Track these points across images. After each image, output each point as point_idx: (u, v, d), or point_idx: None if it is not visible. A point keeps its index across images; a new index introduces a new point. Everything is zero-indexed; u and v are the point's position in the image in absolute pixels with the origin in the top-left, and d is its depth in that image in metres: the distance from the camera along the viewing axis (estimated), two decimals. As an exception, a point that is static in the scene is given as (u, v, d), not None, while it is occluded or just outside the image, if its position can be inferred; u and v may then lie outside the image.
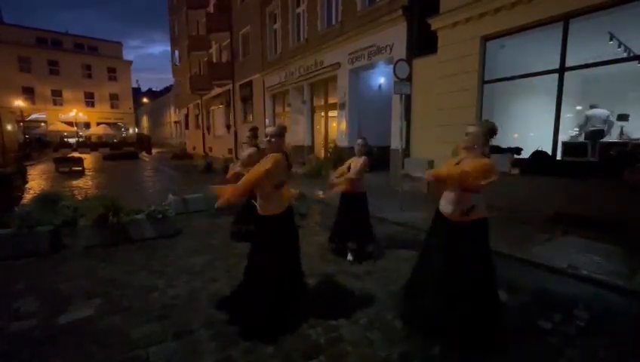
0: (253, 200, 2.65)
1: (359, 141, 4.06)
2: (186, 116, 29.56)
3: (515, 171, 6.13)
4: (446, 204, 2.45)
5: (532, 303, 2.97)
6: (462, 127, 2.55)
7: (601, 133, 6.66)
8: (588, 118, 6.82)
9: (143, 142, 28.99)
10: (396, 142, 8.24)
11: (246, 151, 4.49)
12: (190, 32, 23.86)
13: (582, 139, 6.84)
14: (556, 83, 5.82)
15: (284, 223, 2.64)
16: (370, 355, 2.31)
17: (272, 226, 2.59)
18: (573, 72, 5.78)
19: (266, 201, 2.56)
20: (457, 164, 2.42)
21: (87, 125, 34.31)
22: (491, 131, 2.39)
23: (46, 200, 5.39)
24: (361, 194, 4.05)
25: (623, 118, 6.73)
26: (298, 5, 13.25)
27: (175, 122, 35.15)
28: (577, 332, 2.56)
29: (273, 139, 2.58)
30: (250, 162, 3.83)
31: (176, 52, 29.86)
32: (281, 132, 2.64)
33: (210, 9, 20.73)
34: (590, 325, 2.64)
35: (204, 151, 23.04)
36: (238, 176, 4.00)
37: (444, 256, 2.42)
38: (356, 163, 3.93)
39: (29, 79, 31.31)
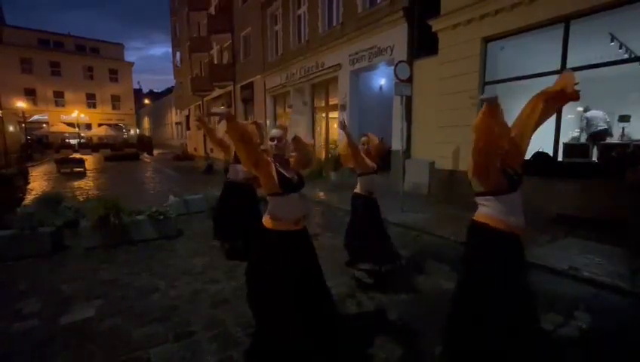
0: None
1: (364, 139, 3.68)
2: (187, 117, 29.60)
3: (517, 172, 6.12)
4: (518, 215, 2.01)
5: (533, 305, 2.96)
6: (463, 128, 2.54)
7: (606, 132, 6.65)
8: (589, 120, 6.81)
9: (144, 143, 29.02)
10: (397, 144, 8.24)
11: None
12: (191, 33, 23.92)
13: (585, 140, 6.81)
14: (557, 84, 5.81)
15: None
16: (371, 356, 2.31)
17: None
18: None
19: None
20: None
21: (89, 126, 34.41)
22: None
23: (48, 201, 5.42)
24: (375, 199, 3.54)
25: (624, 119, 6.71)
26: (299, 7, 13.28)
27: (176, 123, 35.19)
28: (579, 333, 2.56)
29: (276, 143, 2.26)
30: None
31: (178, 53, 29.91)
32: (285, 135, 2.33)
33: (212, 10, 20.78)
34: (592, 327, 2.64)
35: (206, 152, 23.06)
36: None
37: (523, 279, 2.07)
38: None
39: (31, 80, 31.41)
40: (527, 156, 6.34)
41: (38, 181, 11.83)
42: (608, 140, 6.54)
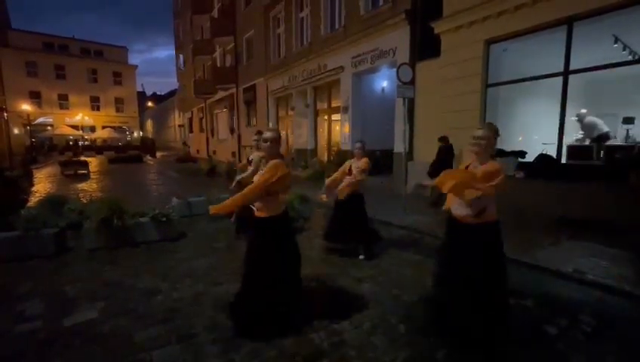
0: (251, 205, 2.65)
1: (358, 144, 4.20)
2: (190, 120, 29.75)
3: (520, 175, 6.10)
4: (459, 206, 2.44)
5: (537, 308, 2.94)
6: (465, 131, 2.55)
7: (607, 134, 6.62)
8: (589, 126, 6.77)
9: (148, 146, 29.18)
10: (399, 146, 8.23)
11: (255, 156, 4.45)
12: (195, 36, 24.08)
13: (589, 143, 6.77)
14: (560, 86, 5.80)
15: (282, 224, 2.67)
16: (374, 359, 2.30)
17: (271, 227, 2.60)
18: (578, 75, 5.76)
19: (264, 203, 2.56)
20: (466, 168, 2.43)
21: (93, 129, 34.63)
22: (496, 133, 2.44)
23: (52, 202, 5.45)
24: (361, 194, 4.23)
25: (628, 121, 6.67)
26: (302, 9, 13.34)
27: (179, 126, 35.37)
28: (584, 337, 2.53)
29: (270, 143, 2.57)
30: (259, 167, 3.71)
31: (181, 56, 30.12)
32: (279, 136, 2.67)
33: (215, 14, 20.92)
34: (597, 330, 2.61)
35: (208, 154, 23.14)
36: (240, 185, 3.99)
37: (457, 258, 2.46)
38: (358, 164, 4.11)
39: (36, 83, 31.69)
40: (532, 158, 6.35)
41: (43, 183, 11.90)
42: (610, 142, 6.50)
